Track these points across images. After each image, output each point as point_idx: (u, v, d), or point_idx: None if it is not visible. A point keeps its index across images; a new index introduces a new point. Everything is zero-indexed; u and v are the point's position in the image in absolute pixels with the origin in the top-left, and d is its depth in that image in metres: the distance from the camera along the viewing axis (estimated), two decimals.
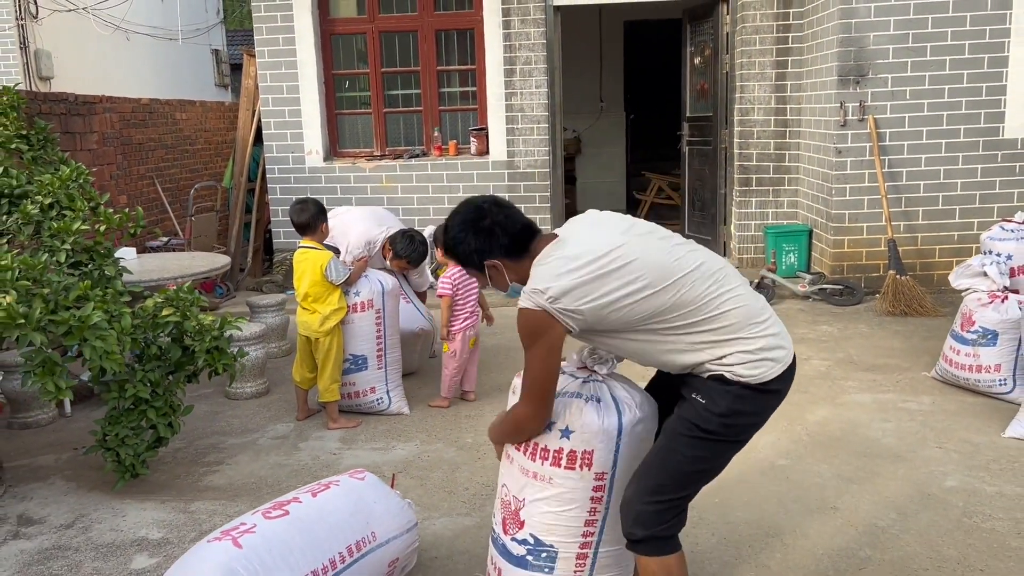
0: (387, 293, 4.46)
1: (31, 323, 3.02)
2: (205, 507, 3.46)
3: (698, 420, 2.12)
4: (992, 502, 3.22)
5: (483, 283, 2.37)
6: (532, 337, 2.14)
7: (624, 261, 2.09)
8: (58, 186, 3.86)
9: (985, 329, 4.30)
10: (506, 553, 2.41)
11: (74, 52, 11.09)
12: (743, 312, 2.14)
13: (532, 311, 2.11)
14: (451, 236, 2.29)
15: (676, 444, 2.16)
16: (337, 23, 7.79)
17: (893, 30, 6.31)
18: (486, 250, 2.25)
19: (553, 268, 2.11)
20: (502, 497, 2.42)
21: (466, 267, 2.34)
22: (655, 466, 2.18)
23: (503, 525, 2.41)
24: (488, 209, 2.26)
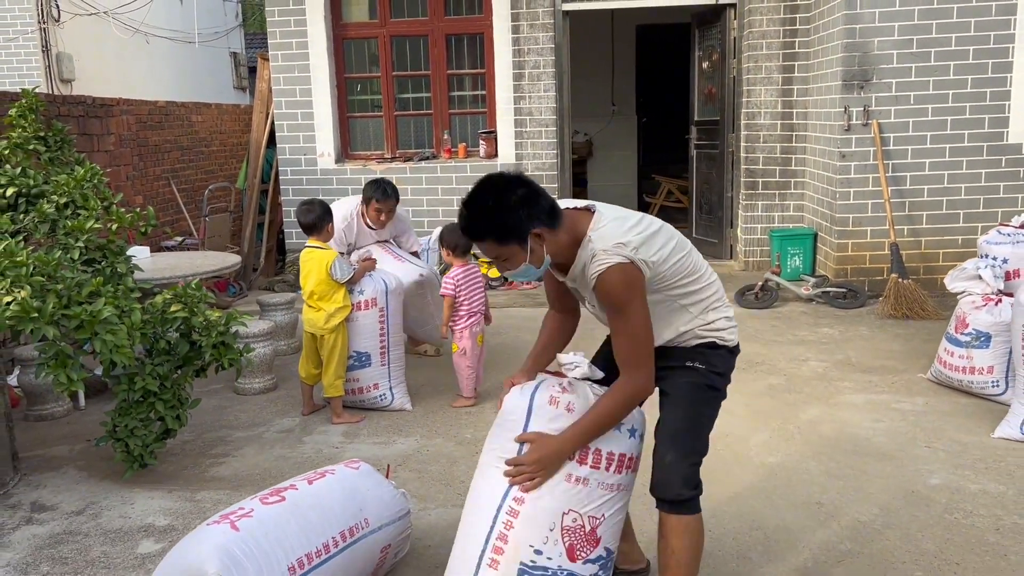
0: (391, 292, 4.57)
1: (44, 317, 3.16)
2: (210, 496, 3.59)
3: (710, 382, 2.36)
4: (974, 499, 3.28)
5: (517, 261, 2.23)
6: (629, 291, 2.17)
7: (658, 225, 2.30)
8: (73, 186, 4.01)
9: (978, 331, 4.36)
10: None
11: (95, 55, 11.33)
12: (719, 284, 2.43)
13: (622, 265, 2.15)
14: (495, 207, 2.17)
15: (700, 407, 2.37)
16: (349, 28, 7.93)
17: (897, 35, 6.36)
18: (533, 216, 2.18)
19: (617, 228, 2.21)
20: (567, 526, 2.27)
21: (507, 241, 2.19)
22: (689, 430, 2.34)
23: (569, 553, 2.27)
24: (518, 179, 2.24)
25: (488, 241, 2.21)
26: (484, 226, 2.20)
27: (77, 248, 3.75)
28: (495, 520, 2.29)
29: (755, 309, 6.48)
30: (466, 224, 2.23)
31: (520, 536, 2.25)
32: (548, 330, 2.60)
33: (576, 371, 2.36)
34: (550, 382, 2.38)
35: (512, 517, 2.27)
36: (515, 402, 2.37)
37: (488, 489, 2.34)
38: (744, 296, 6.61)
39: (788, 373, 4.94)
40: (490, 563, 2.26)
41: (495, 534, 2.28)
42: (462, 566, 2.33)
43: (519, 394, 2.38)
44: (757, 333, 5.81)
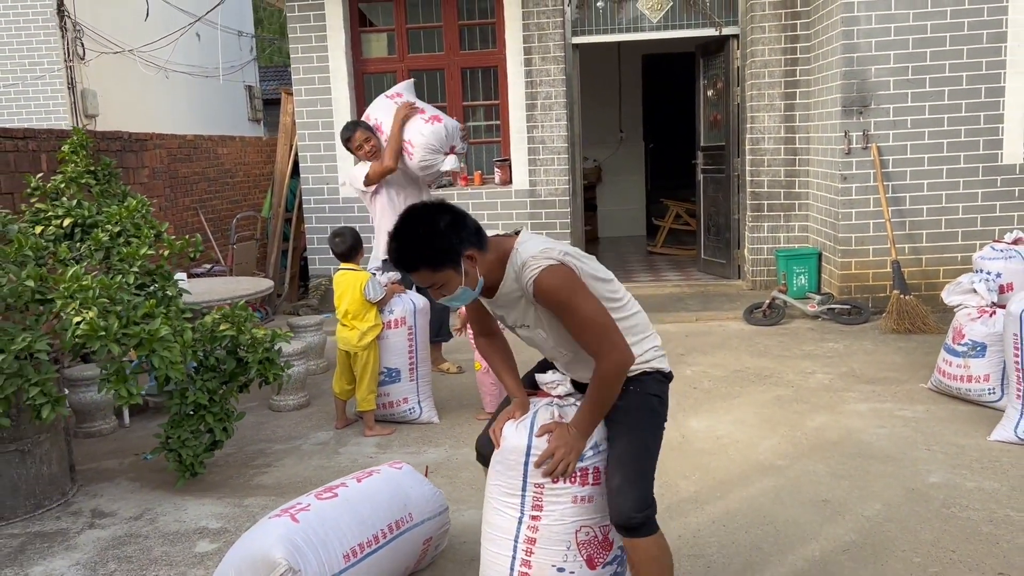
0: (419, 311, 4.86)
1: (110, 335, 3.46)
2: (257, 502, 3.86)
3: (649, 405, 2.46)
4: (970, 495, 3.53)
5: (453, 286, 2.29)
6: (570, 285, 2.26)
7: (579, 251, 2.44)
8: (125, 216, 4.33)
9: (974, 342, 4.61)
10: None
11: (118, 91, 11.75)
12: (643, 314, 2.58)
13: (554, 267, 2.25)
14: (426, 235, 2.23)
15: (642, 431, 2.43)
16: (369, 63, 8.30)
17: (893, 63, 6.67)
18: (463, 239, 2.25)
19: (541, 242, 2.34)
20: (582, 540, 2.45)
21: (440, 267, 2.25)
22: (634, 454, 2.38)
23: (589, 563, 2.45)
24: (442, 205, 2.31)
25: (422, 270, 2.26)
26: (416, 255, 2.24)
27: (132, 273, 4.05)
28: (515, 550, 2.50)
29: (763, 326, 6.74)
30: (398, 256, 2.26)
31: (542, 560, 2.46)
32: (499, 356, 2.66)
33: (559, 388, 2.52)
34: (542, 413, 2.49)
35: (530, 544, 2.47)
36: (514, 441, 2.48)
37: (502, 523, 2.52)
38: (752, 314, 6.87)
39: (796, 385, 5.19)
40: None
41: (518, 562, 2.49)
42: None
43: (515, 432, 2.48)
44: (766, 349, 6.06)
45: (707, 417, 4.67)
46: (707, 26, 7.86)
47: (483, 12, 8.14)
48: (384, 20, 8.38)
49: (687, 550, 3.19)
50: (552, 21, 7.81)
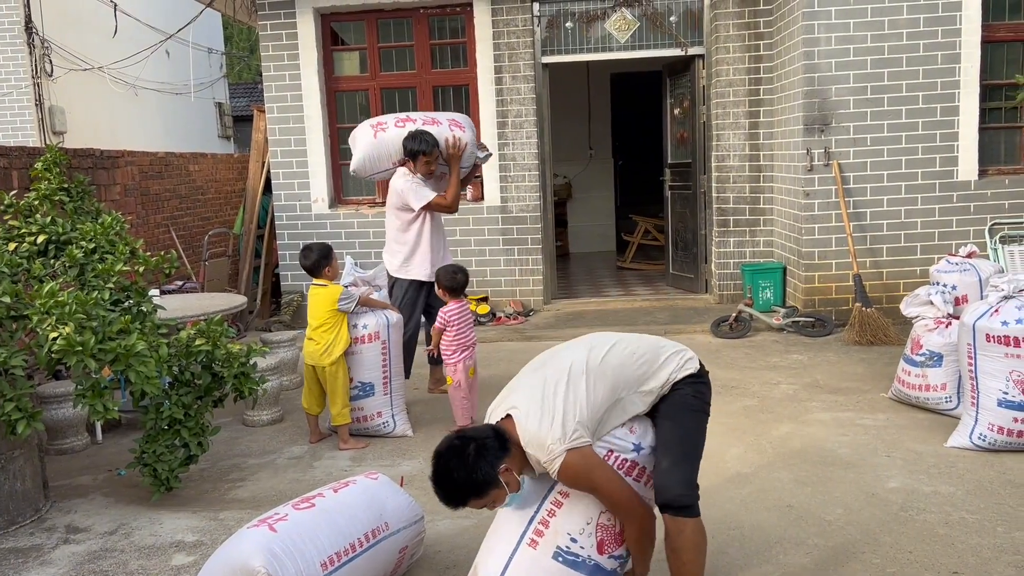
0: (392, 326, 4.93)
1: (86, 351, 3.49)
2: (233, 515, 3.89)
3: (684, 401, 2.69)
4: (927, 499, 3.66)
5: (502, 498, 2.53)
6: (588, 472, 2.50)
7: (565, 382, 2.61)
8: (100, 233, 4.36)
9: (931, 352, 4.77)
10: (598, 571, 2.63)
11: (85, 108, 11.70)
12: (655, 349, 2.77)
13: (564, 460, 2.47)
14: (463, 475, 2.46)
15: (688, 419, 2.68)
16: (341, 81, 8.38)
17: (853, 83, 6.89)
18: (493, 461, 2.48)
19: (536, 430, 2.51)
20: (603, 524, 2.63)
21: (486, 493, 2.50)
22: (681, 439, 2.65)
23: (599, 547, 2.62)
24: (462, 438, 2.53)
25: (472, 502, 2.52)
26: (463, 494, 2.51)
27: (107, 289, 4.07)
28: (539, 508, 2.66)
29: (730, 339, 6.89)
30: (446, 499, 2.52)
31: (561, 523, 2.62)
32: None
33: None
34: None
35: (556, 507, 2.64)
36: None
37: (534, 484, 2.69)
38: (719, 327, 7.02)
39: (761, 395, 5.32)
40: (529, 543, 2.62)
41: (538, 519, 2.65)
42: (500, 542, 2.67)
43: None
44: (732, 361, 6.20)
45: None
46: (673, 46, 8.05)
47: (454, 32, 8.27)
48: (356, 39, 8.48)
49: (656, 555, 3.27)
50: (522, 41, 7.95)
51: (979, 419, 4.18)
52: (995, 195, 6.95)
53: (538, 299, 8.24)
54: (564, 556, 2.60)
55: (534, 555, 2.60)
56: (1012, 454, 4.10)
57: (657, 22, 8.01)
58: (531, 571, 2.59)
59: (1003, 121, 7.11)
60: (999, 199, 6.96)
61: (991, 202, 6.95)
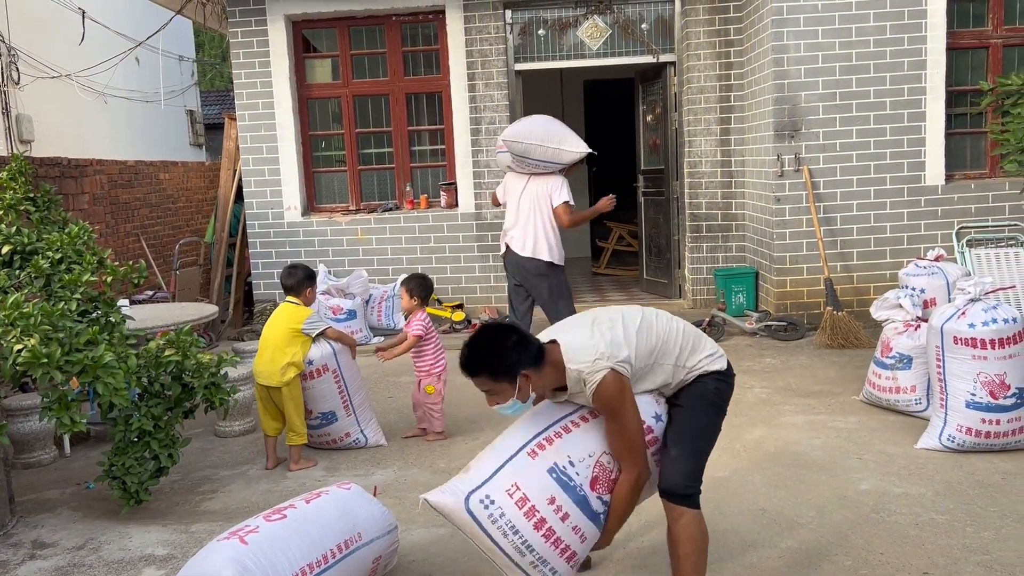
0: (339, 352, 4.70)
1: (52, 363, 3.43)
2: (204, 528, 3.84)
3: (704, 394, 2.79)
4: (898, 500, 3.70)
5: (505, 397, 2.61)
6: (620, 397, 2.58)
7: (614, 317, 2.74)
8: (67, 242, 4.29)
9: (901, 355, 4.83)
10: (585, 505, 2.64)
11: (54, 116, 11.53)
12: (689, 338, 2.88)
13: (606, 377, 2.55)
14: (492, 350, 2.59)
15: (703, 415, 2.77)
16: (313, 88, 8.34)
17: (822, 89, 6.97)
18: (523, 361, 2.58)
19: (583, 347, 2.61)
20: (602, 463, 2.68)
21: (499, 379, 2.58)
22: (694, 432, 2.72)
23: (592, 483, 2.66)
24: (512, 328, 2.67)
25: (483, 376, 2.60)
26: (481, 363, 2.60)
27: (74, 300, 4.01)
28: (549, 427, 2.72)
29: None
30: (466, 361, 2.61)
31: (564, 445, 2.67)
32: None
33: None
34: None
35: (564, 431, 2.71)
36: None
37: (552, 408, 2.79)
38: None
39: (735, 399, 5.25)
40: (530, 452, 2.67)
41: (544, 435, 2.70)
42: (502, 448, 2.72)
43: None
44: None
45: None
46: (645, 53, 8.11)
47: (427, 39, 8.27)
48: (328, 46, 8.45)
49: (631, 561, 3.28)
50: (495, 48, 7.97)
51: (948, 420, 4.23)
52: (962, 199, 7.06)
53: None
54: (559, 474, 2.63)
55: (531, 463, 2.64)
56: (980, 455, 4.16)
57: (629, 29, 8.06)
58: (523, 475, 2.62)
59: (969, 127, 7.24)
60: (966, 203, 7.07)
61: (958, 206, 7.06)
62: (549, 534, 2.58)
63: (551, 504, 2.59)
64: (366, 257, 8.19)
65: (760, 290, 7.67)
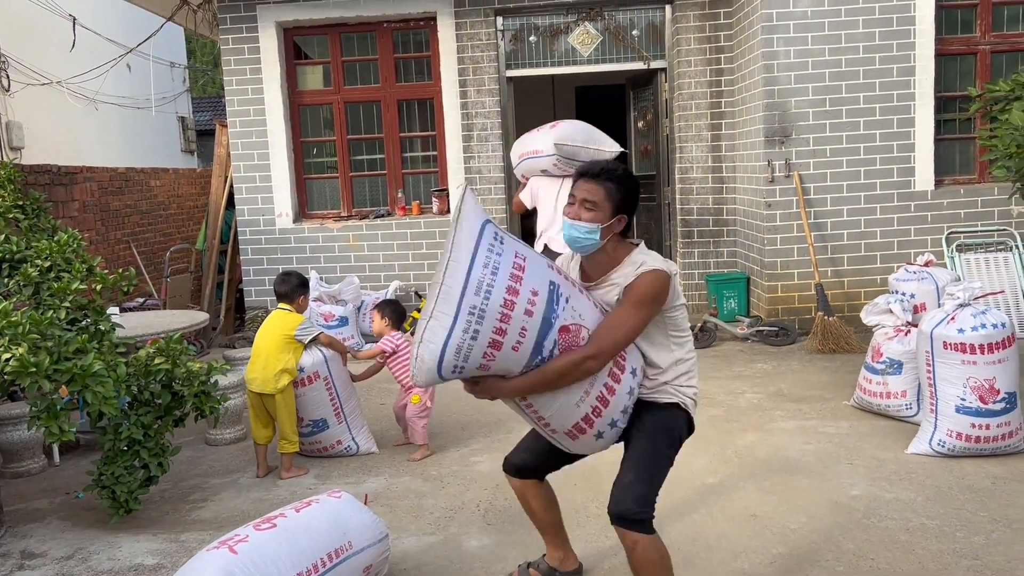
0: (330, 360, 4.68)
1: (41, 371, 3.41)
2: (194, 537, 3.82)
3: (666, 426, 2.75)
4: (888, 506, 3.71)
5: (597, 217, 2.61)
6: (653, 295, 2.57)
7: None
8: (56, 250, 4.28)
9: (892, 360, 4.84)
10: (546, 329, 2.50)
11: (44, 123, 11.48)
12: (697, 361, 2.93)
13: (664, 273, 2.59)
14: (627, 176, 2.67)
15: (661, 445, 2.71)
16: (305, 95, 8.34)
17: (812, 95, 7.00)
18: (632, 209, 2.69)
19: (659, 256, 2.70)
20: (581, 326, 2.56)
21: (611, 199, 2.61)
22: (650, 460, 2.67)
23: (562, 329, 2.52)
24: (634, 179, 2.75)
25: (605, 185, 2.63)
26: (615, 179, 2.65)
27: (63, 308, 4.00)
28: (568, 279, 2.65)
29: (696, 349, 6.92)
30: (606, 165, 2.69)
31: (570, 289, 2.60)
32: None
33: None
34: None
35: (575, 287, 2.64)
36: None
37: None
38: None
39: (727, 405, 5.36)
40: (549, 265, 2.60)
41: (562, 275, 2.63)
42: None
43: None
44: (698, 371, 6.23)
45: None
46: (636, 60, 8.13)
47: (418, 45, 8.27)
48: (319, 53, 8.45)
49: (623, 569, 3.27)
50: (486, 55, 7.98)
51: (938, 425, 4.24)
52: (951, 204, 7.10)
53: None
54: (554, 290, 2.54)
55: (544, 265, 2.57)
56: (970, 459, 4.17)
57: (620, 36, 8.08)
58: (535, 262, 2.55)
59: (957, 132, 7.28)
60: (955, 208, 7.10)
61: (947, 211, 7.09)
62: (508, 308, 2.44)
63: (532, 295, 2.48)
64: (358, 264, 8.18)
65: (751, 295, 7.68)
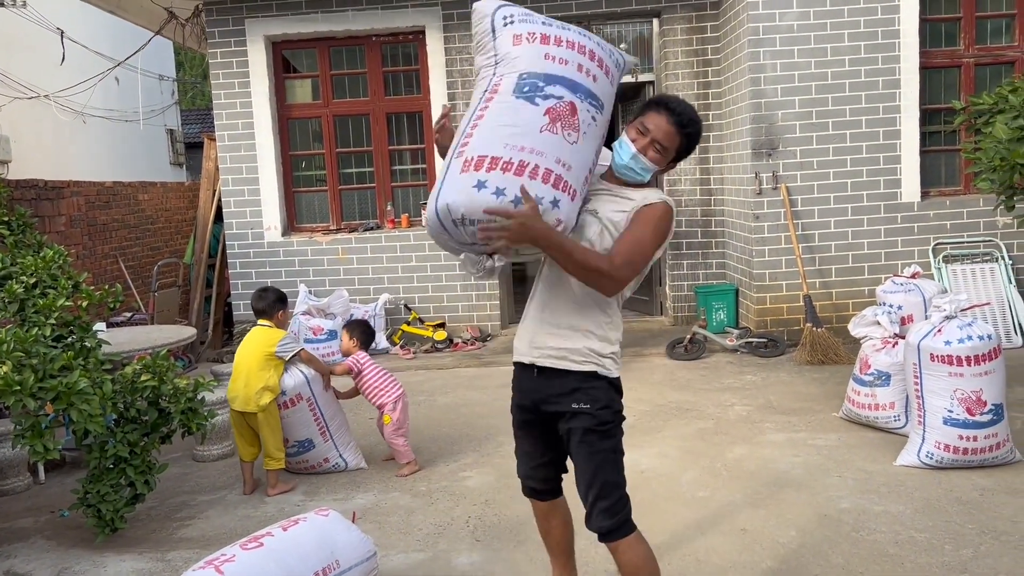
0: (312, 380, 4.64)
1: (25, 390, 3.38)
2: (181, 556, 3.78)
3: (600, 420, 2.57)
4: (877, 519, 3.71)
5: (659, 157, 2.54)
6: (663, 224, 2.52)
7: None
8: (42, 267, 4.25)
9: (879, 371, 4.86)
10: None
11: (32, 136, 11.46)
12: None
13: (670, 209, 2.55)
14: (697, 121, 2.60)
15: (598, 448, 2.57)
16: (294, 108, 8.34)
17: (798, 108, 7.04)
18: (686, 153, 2.62)
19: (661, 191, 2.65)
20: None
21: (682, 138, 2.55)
22: (596, 470, 2.57)
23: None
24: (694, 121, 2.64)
25: (683, 137, 2.56)
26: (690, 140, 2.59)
27: (49, 325, 3.96)
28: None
29: (685, 361, 6.94)
30: (687, 107, 2.60)
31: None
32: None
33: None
34: None
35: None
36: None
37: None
38: (675, 349, 7.07)
39: (716, 417, 5.36)
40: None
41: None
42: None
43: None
44: (688, 383, 6.25)
45: (632, 451, 4.72)
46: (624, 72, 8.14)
47: (407, 59, 8.29)
48: (308, 66, 8.45)
49: None
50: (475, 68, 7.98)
51: (926, 437, 4.26)
52: (937, 216, 7.14)
53: (495, 324, 8.23)
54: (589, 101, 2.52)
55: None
56: (958, 471, 4.18)
57: None
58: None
59: (943, 144, 7.33)
60: (941, 219, 7.15)
61: (934, 223, 7.14)
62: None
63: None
64: (347, 277, 8.17)
65: (740, 307, 7.70)
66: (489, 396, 6.14)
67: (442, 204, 2.36)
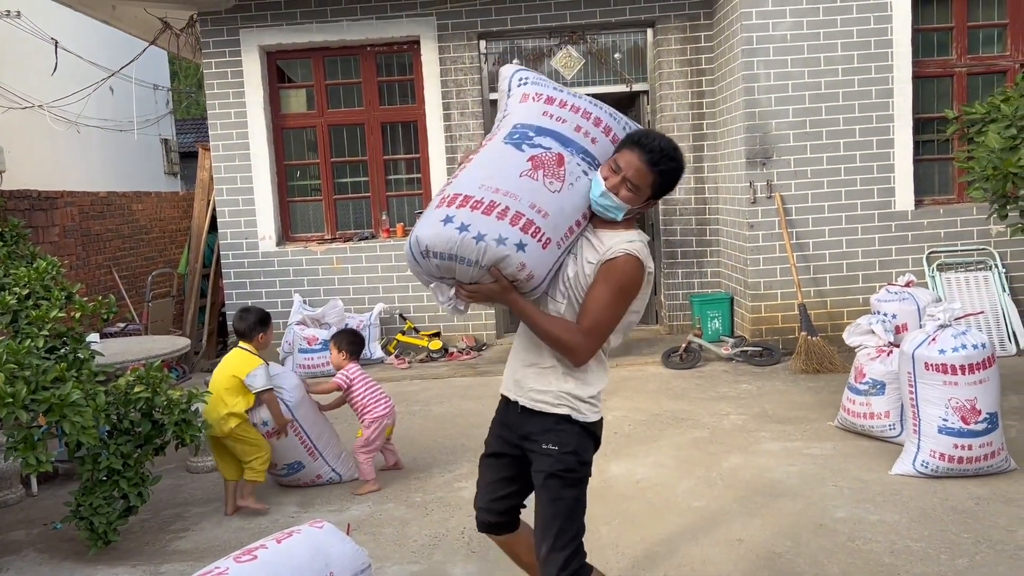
0: (295, 407, 4.55)
1: (18, 402, 3.37)
2: (174, 568, 3.76)
3: (565, 465, 2.50)
4: (873, 528, 3.70)
5: (633, 197, 2.43)
6: (630, 283, 2.43)
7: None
8: (35, 278, 4.24)
9: (874, 380, 4.86)
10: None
11: (25, 146, 11.43)
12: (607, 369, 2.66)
13: (642, 263, 2.44)
14: (680, 173, 2.52)
15: (560, 496, 2.51)
16: (288, 118, 8.34)
17: (792, 117, 7.07)
18: (662, 193, 2.53)
19: (645, 248, 2.51)
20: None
21: (654, 184, 2.46)
22: (554, 520, 2.50)
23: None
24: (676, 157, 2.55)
25: (656, 175, 2.45)
26: (665, 178, 2.48)
27: (42, 336, 3.95)
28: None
29: (680, 369, 6.94)
30: (670, 152, 2.49)
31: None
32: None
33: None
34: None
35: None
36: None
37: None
38: (670, 358, 7.07)
39: (711, 426, 5.35)
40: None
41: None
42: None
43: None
44: (683, 392, 6.24)
45: (627, 461, 4.78)
46: (618, 82, 8.19)
47: (402, 68, 8.30)
48: (303, 76, 8.46)
49: None
50: (470, 78, 8.01)
51: (921, 446, 4.26)
52: (931, 224, 7.16)
53: (491, 333, 8.22)
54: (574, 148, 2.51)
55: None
56: (953, 480, 4.18)
57: (602, 59, 8.14)
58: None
59: (936, 153, 7.36)
60: (935, 228, 7.16)
61: (927, 231, 7.16)
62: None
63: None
64: (342, 286, 8.16)
65: (735, 315, 7.71)
66: (484, 406, 6.13)
67: (413, 236, 2.43)
